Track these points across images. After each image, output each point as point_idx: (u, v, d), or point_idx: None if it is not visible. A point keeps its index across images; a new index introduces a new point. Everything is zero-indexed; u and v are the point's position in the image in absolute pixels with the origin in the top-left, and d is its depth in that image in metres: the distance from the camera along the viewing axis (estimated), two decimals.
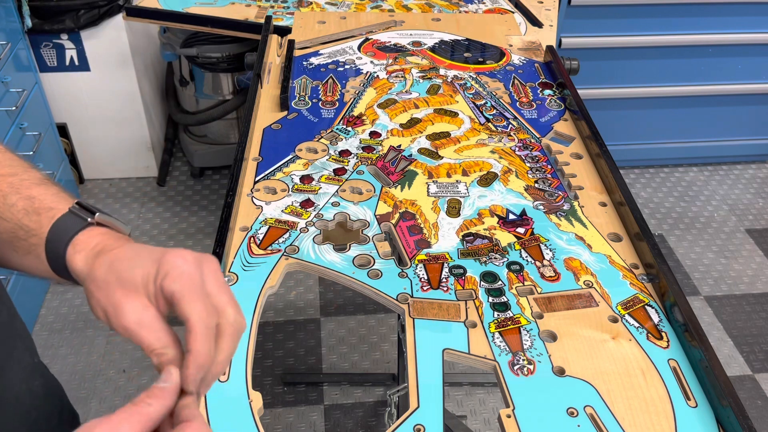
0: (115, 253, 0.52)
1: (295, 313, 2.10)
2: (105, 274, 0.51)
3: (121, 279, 0.50)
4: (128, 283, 0.50)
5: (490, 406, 1.84)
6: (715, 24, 2.40)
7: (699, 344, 0.75)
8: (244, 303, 0.82)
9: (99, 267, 0.51)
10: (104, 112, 2.39)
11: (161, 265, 0.50)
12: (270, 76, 1.35)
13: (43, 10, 2.13)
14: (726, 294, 2.22)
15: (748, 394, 1.90)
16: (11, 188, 0.57)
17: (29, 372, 0.59)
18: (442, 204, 1.02)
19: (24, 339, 0.61)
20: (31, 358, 0.60)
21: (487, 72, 1.39)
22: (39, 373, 0.62)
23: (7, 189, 0.56)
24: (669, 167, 2.82)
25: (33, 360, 0.60)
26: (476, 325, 0.81)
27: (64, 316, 2.06)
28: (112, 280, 0.50)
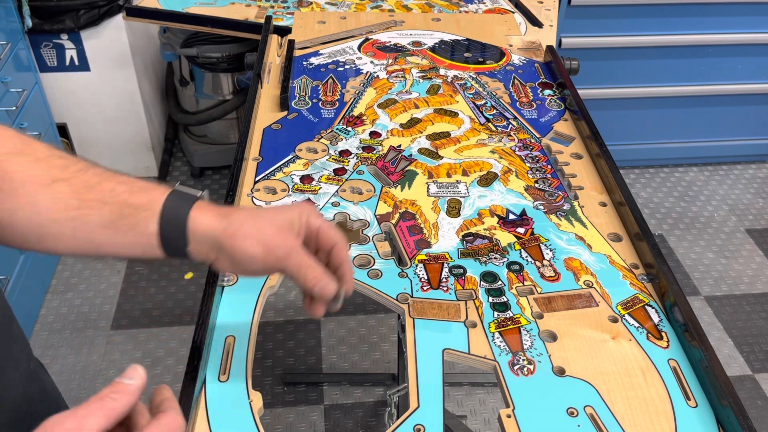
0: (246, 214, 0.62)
1: (295, 313, 2.10)
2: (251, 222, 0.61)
3: (274, 221, 0.62)
4: (280, 222, 0.62)
5: (490, 406, 1.84)
6: (715, 24, 2.40)
7: (699, 344, 0.75)
8: (244, 303, 0.82)
9: (239, 221, 0.61)
10: (104, 112, 2.39)
11: (301, 210, 0.64)
12: (270, 76, 1.35)
13: (43, 10, 2.13)
14: (726, 294, 2.22)
15: (748, 394, 1.90)
16: (101, 178, 0.61)
17: (26, 377, 0.59)
18: (442, 204, 1.02)
19: (21, 343, 0.60)
20: (28, 363, 0.60)
21: (487, 72, 1.39)
22: (35, 378, 0.62)
23: (97, 179, 0.61)
24: (669, 167, 2.82)
25: (29, 365, 0.60)
26: (476, 325, 0.81)
27: (64, 316, 2.06)
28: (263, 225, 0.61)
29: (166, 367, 1.92)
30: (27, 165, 0.60)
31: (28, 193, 0.59)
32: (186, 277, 2.21)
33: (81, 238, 0.61)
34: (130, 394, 0.45)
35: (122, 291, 2.15)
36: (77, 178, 0.61)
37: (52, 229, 0.60)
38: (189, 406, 0.68)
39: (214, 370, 0.74)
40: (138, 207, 0.61)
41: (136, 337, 2.00)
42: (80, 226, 0.60)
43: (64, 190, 0.60)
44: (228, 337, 0.78)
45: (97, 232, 0.61)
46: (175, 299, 2.13)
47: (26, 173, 0.60)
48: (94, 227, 0.61)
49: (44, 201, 0.60)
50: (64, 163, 0.61)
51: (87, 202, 0.60)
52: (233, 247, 0.61)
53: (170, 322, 2.06)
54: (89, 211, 0.60)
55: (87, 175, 0.61)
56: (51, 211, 0.60)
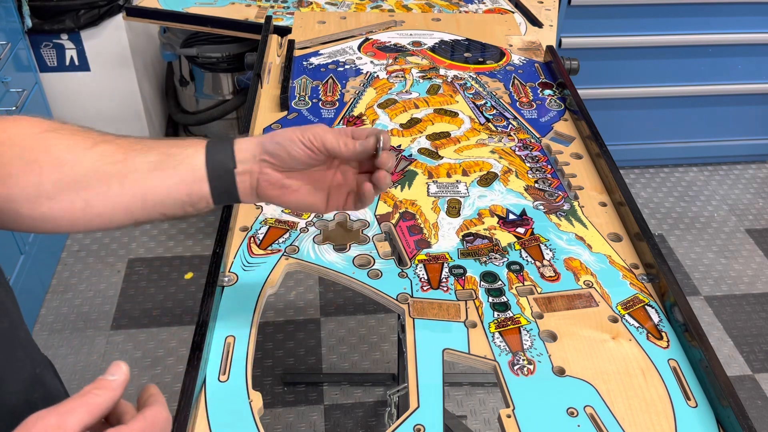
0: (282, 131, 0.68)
1: (295, 313, 2.10)
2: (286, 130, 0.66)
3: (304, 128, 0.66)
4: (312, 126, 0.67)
5: (490, 406, 1.84)
6: (715, 24, 2.40)
7: (699, 344, 0.75)
8: (244, 303, 0.82)
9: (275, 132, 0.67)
10: (104, 112, 2.39)
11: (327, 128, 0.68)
12: (270, 76, 1.35)
13: (43, 10, 2.13)
14: (726, 294, 2.22)
15: (748, 394, 1.90)
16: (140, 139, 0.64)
17: (29, 383, 0.58)
18: (442, 204, 1.02)
19: (26, 349, 0.60)
20: (33, 369, 0.59)
21: (487, 72, 1.39)
22: (40, 383, 0.62)
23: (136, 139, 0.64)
24: (669, 167, 2.82)
25: (34, 371, 0.59)
26: (476, 325, 0.81)
27: (64, 316, 2.06)
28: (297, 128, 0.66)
29: (166, 367, 1.92)
30: (67, 136, 0.62)
31: (72, 157, 0.61)
32: (186, 277, 2.21)
33: (128, 188, 0.62)
34: (113, 390, 0.46)
35: (122, 291, 2.15)
36: (119, 140, 0.63)
37: (98, 187, 0.61)
38: (189, 406, 0.68)
39: (214, 370, 0.74)
40: (183, 146, 0.64)
41: (136, 337, 2.00)
42: (127, 175, 0.61)
43: (108, 148, 0.62)
44: (228, 337, 0.78)
45: (144, 177, 0.62)
46: (175, 299, 2.13)
47: (68, 142, 0.61)
48: (141, 173, 0.62)
49: (89, 158, 0.61)
50: (101, 133, 0.64)
51: (132, 151, 0.62)
52: (274, 141, 0.66)
53: (170, 322, 2.06)
54: (135, 157, 0.62)
55: (126, 138, 0.64)
56: (96, 166, 0.61)
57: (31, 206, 0.60)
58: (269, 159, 0.66)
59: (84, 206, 0.61)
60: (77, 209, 0.61)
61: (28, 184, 0.60)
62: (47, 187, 0.60)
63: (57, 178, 0.60)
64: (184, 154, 0.63)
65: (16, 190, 0.60)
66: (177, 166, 0.63)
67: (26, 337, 0.61)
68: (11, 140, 0.61)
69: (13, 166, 0.60)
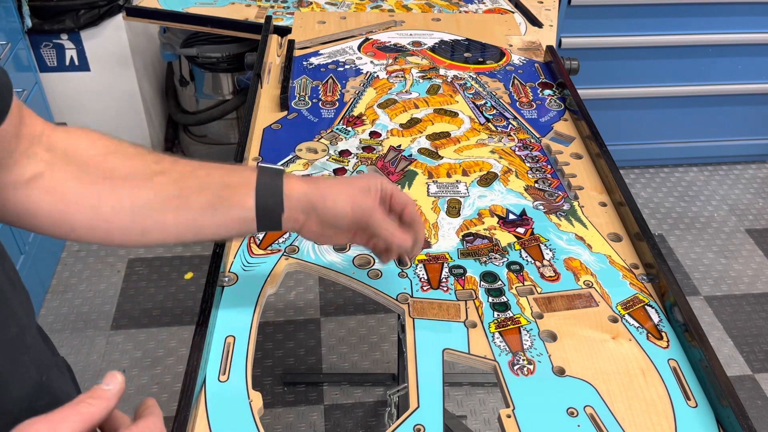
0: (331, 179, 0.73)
1: (295, 313, 2.10)
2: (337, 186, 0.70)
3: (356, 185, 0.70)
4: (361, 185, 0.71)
5: (490, 406, 1.84)
6: (715, 24, 2.40)
7: (699, 344, 0.75)
8: (244, 303, 0.82)
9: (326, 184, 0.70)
10: (104, 112, 2.39)
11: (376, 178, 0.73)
12: (270, 76, 1.35)
13: (43, 10, 2.13)
14: (726, 294, 2.22)
15: (748, 394, 1.90)
16: (193, 167, 0.67)
17: (34, 391, 0.57)
18: (442, 204, 1.02)
19: (34, 355, 0.58)
20: (39, 376, 0.58)
21: (487, 72, 1.39)
22: (46, 391, 0.61)
23: (190, 168, 0.67)
24: (669, 167, 2.82)
25: (41, 378, 0.59)
26: (476, 325, 0.81)
27: (64, 316, 2.06)
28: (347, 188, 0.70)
29: (166, 367, 1.92)
30: (124, 161, 0.65)
31: (131, 187, 0.64)
32: (186, 277, 2.21)
33: (183, 224, 0.66)
34: (107, 400, 0.45)
35: (122, 291, 2.15)
36: (173, 168, 0.66)
37: (155, 219, 0.65)
38: (189, 406, 0.68)
39: (214, 370, 0.74)
40: (234, 186, 0.67)
41: (136, 337, 2.00)
42: (182, 213, 0.66)
43: (163, 181, 0.65)
44: (228, 337, 0.78)
45: (198, 216, 0.66)
46: (175, 299, 2.13)
47: (126, 170, 0.64)
48: (195, 212, 0.66)
49: (147, 194, 0.64)
50: (154, 157, 0.66)
51: (186, 190, 0.65)
52: (325, 206, 0.69)
53: (170, 322, 2.06)
54: (190, 197, 0.65)
55: (180, 165, 0.67)
56: (154, 201, 0.65)
57: (88, 225, 0.64)
58: (315, 219, 0.70)
59: (140, 234, 0.66)
60: (133, 234, 0.66)
61: (85, 205, 0.63)
62: (104, 211, 0.64)
63: (114, 204, 0.64)
64: (236, 196, 0.67)
65: (73, 208, 0.63)
66: (229, 209, 0.67)
67: (35, 343, 0.60)
68: (68, 157, 0.63)
69: (69, 185, 0.63)
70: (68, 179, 0.63)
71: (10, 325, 0.55)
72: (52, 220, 0.64)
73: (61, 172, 0.63)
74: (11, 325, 0.55)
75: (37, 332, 0.64)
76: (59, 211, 0.63)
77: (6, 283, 0.56)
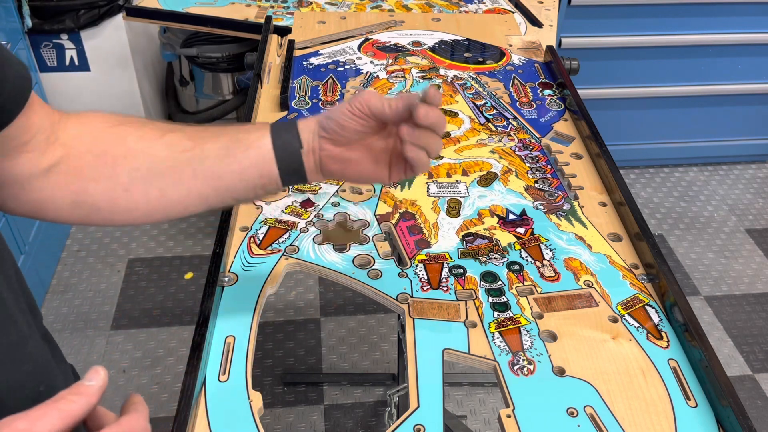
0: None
1: (295, 313, 2.10)
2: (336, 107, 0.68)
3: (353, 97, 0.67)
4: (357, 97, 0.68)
5: (490, 406, 1.84)
6: (715, 24, 2.40)
7: (699, 344, 0.75)
8: (244, 303, 0.82)
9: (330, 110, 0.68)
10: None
11: None
12: (270, 76, 1.35)
13: (43, 10, 2.13)
14: (726, 294, 2.22)
15: (748, 394, 1.90)
16: (205, 126, 0.67)
17: (33, 401, 0.57)
18: (442, 204, 1.02)
19: (35, 363, 0.58)
20: (36, 386, 0.57)
21: (487, 72, 1.39)
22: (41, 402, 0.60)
23: (202, 127, 0.67)
24: (669, 167, 2.82)
25: (38, 388, 0.57)
26: (476, 325, 0.81)
27: (64, 316, 2.06)
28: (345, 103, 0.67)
29: (166, 367, 1.92)
30: (136, 127, 0.65)
31: (144, 147, 0.64)
32: (186, 277, 2.21)
33: (201, 174, 0.65)
34: (88, 396, 0.44)
35: (122, 291, 2.15)
36: (186, 129, 0.66)
37: (171, 176, 0.64)
38: (189, 406, 0.68)
39: (214, 370, 0.74)
40: (249, 131, 0.67)
41: (136, 337, 2.00)
42: (198, 162, 0.65)
43: (177, 136, 0.65)
44: (228, 337, 0.78)
45: (216, 164, 0.65)
46: (175, 299, 2.13)
47: (138, 133, 0.65)
48: (212, 160, 0.65)
49: (160, 148, 0.64)
50: (167, 123, 0.66)
51: (200, 140, 0.65)
52: (328, 116, 0.67)
53: (170, 322, 2.06)
54: (204, 145, 0.65)
55: (193, 127, 0.67)
56: (168, 156, 0.64)
57: (109, 198, 0.64)
58: (326, 134, 0.67)
59: (159, 195, 0.64)
60: (153, 198, 0.64)
61: (102, 176, 0.63)
62: (122, 178, 0.63)
63: (130, 167, 0.63)
64: (251, 138, 0.66)
65: (91, 183, 0.63)
66: (246, 150, 0.65)
67: (37, 351, 0.59)
68: (81, 136, 0.64)
69: (84, 160, 0.63)
70: (84, 155, 0.63)
71: (9, 333, 0.54)
72: (73, 202, 0.63)
73: (76, 151, 0.63)
74: (10, 333, 0.54)
75: (42, 340, 0.63)
76: (79, 189, 0.63)
77: (6, 291, 0.55)
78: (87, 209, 0.64)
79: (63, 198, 0.63)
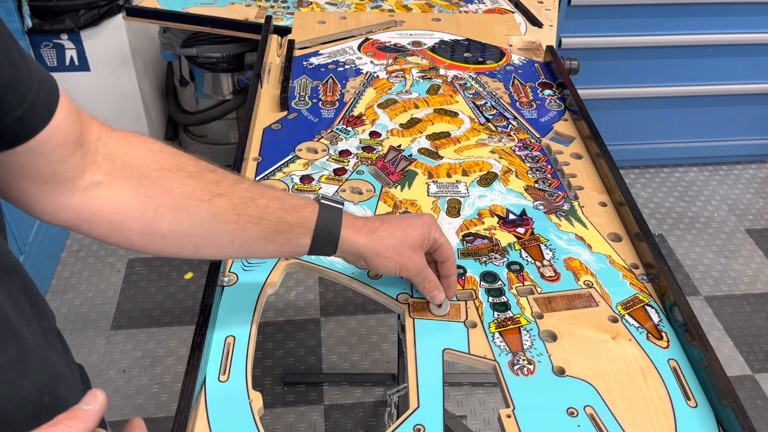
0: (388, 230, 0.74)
1: (295, 313, 2.10)
2: (391, 241, 0.74)
3: (409, 239, 0.75)
4: (414, 240, 0.75)
5: (490, 406, 1.84)
6: (715, 24, 2.40)
7: (699, 344, 0.75)
8: (244, 303, 0.82)
9: (380, 238, 0.74)
10: (104, 112, 2.39)
11: (430, 227, 0.77)
12: (270, 76, 1.35)
13: (43, 10, 2.13)
14: (726, 294, 2.22)
15: (748, 394, 1.90)
16: (253, 193, 0.68)
17: (33, 415, 0.56)
18: (442, 204, 1.02)
19: (36, 377, 0.57)
20: (40, 399, 0.56)
21: (487, 72, 1.39)
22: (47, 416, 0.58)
23: (249, 194, 0.68)
24: (669, 167, 2.82)
25: (42, 400, 0.56)
26: (476, 325, 0.81)
27: (64, 316, 2.06)
28: (399, 244, 0.74)
29: (166, 367, 1.92)
30: (184, 180, 0.66)
31: (190, 207, 0.66)
32: (186, 277, 2.21)
33: (237, 247, 0.69)
34: (85, 421, 0.43)
35: (122, 291, 2.15)
36: (232, 193, 0.67)
37: (210, 239, 0.68)
38: (189, 406, 0.68)
39: (214, 370, 0.74)
40: (292, 224, 0.70)
41: (136, 337, 2.00)
42: (238, 238, 0.68)
43: (222, 204, 0.67)
44: (228, 337, 0.78)
45: (252, 244, 0.69)
46: (175, 299, 2.13)
47: (185, 189, 0.66)
48: (250, 240, 0.69)
49: (205, 215, 0.66)
50: (215, 177, 0.68)
51: (245, 217, 0.67)
52: (375, 263, 0.75)
53: (170, 322, 2.06)
54: (247, 226, 0.68)
55: (240, 189, 0.68)
56: (211, 224, 0.67)
57: (145, 238, 0.66)
58: (359, 265, 0.77)
59: (193, 251, 0.68)
60: (187, 251, 0.68)
61: (145, 219, 0.64)
62: (162, 228, 0.65)
63: (172, 222, 0.65)
64: (293, 234, 0.70)
65: (132, 221, 0.64)
66: (284, 244, 0.70)
67: (40, 364, 0.57)
68: (128, 170, 0.64)
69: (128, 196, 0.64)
70: (127, 191, 0.64)
71: (8, 346, 0.53)
72: (111, 230, 0.65)
73: (120, 183, 0.63)
74: (9, 347, 0.53)
75: (53, 345, 0.62)
76: (118, 222, 0.64)
77: (8, 304, 0.53)
78: (122, 238, 0.66)
79: (102, 222, 0.64)
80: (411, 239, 0.75)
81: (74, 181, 0.61)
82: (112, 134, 0.65)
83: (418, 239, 0.76)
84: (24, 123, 0.55)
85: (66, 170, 0.60)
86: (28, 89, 0.54)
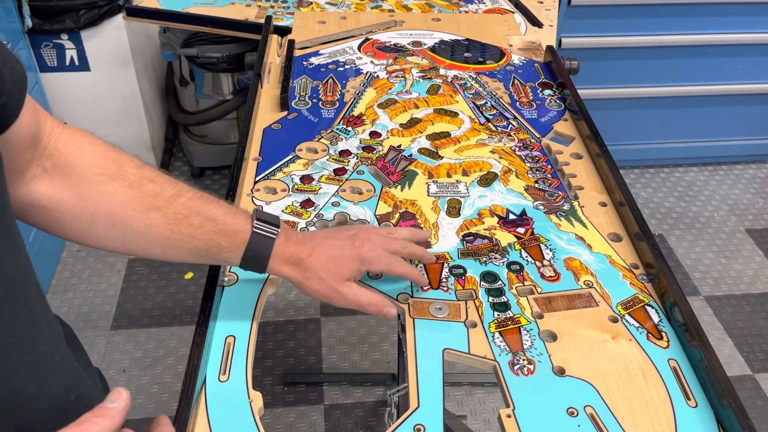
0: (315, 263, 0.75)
1: (295, 313, 2.10)
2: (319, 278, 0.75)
3: (339, 274, 0.75)
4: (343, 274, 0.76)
5: (490, 406, 1.84)
6: (715, 24, 2.40)
7: (699, 344, 0.75)
8: (244, 303, 0.82)
9: (309, 277, 0.75)
10: (104, 112, 2.39)
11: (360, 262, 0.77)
12: (270, 76, 1.35)
13: (43, 10, 2.13)
14: (726, 294, 2.22)
15: (748, 394, 1.90)
16: (189, 210, 0.70)
17: (62, 413, 0.54)
18: (442, 204, 1.02)
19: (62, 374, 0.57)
20: (66, 396, 0.56)
21: (487, 72, 1.39)
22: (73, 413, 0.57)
23: (185, 211, 0.69)
24: (669, 167, 2.82)
25: (68, 398, 0.56)
26: (476, 325, 0.81)
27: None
28: (327, 278, 0.75)
29: (166, 367, 1.92)
30: (123, 189, 0.67)
31: (125, 215, 0.67)
32: (186, 277, 2.21)
33: (170, 257, 0.72)
34: (112, 418, 0.44)
35: (122, 291, 2.15)
36: (168, 207, 0.69)
37: (143, 247, 0.70)
38: (189, 406, 0.68)
39: (214, 370, 0.74)
40: (222, 248, 0.72)
41: (136, 337, 2.00)
42: (170, 251, 0.71)
43: (156, 218, 0.68)
44: (228, 337, 0.78)
45: (185, 257, 0.72)
46: (175, 299, 2.13)
47: (123, 198, 0.67)
48: (182, 253, 0.71)
49: (139, 225, 0.68)
50: (154, 188, 0.69)
51: (177, 233, 0.69)
52: (303, 290, 0.77)
53: (170, 322, 2.06)
54: (178, 242, 0.70)
55: (177, 204, 0.69)
56: (144, 234, 0.69)
57: (80, 236, 0.68)
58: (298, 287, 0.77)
59: (127, 252, 0.71)
60: (120, 250, 0.71)
61: (81, 220, 0.66)
62: (96, 230, 0.68)
63: (107, 226, 0.67)
64: (224, 255, 0.72)
65: (68, 218, 0.66)
66: (215, 261, 0.74)
67: (63, 361, 0.58)
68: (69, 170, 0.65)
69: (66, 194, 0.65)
70: (66, 189, 0.65)
71: (38, 344, 0.53)
72: (48, 223, 0.66)
73: (61, 180, 0.64)
74: (39, 344, 0.53)
75: (68, 347, 0.62)
76: (55, 218, 0.65)
77: (35, 302, 0.54)
78: (58, 233, 0.68)
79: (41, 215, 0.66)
80: (340, 274, 0.76)
81: (22, 173, 0.62)
82: (63, 130, 0.65)
83: (347, 274, 0.76)
84: (7, 109, 0.55)
85: (19, 162, 0.61)
86: (4, 76, 0.54)
